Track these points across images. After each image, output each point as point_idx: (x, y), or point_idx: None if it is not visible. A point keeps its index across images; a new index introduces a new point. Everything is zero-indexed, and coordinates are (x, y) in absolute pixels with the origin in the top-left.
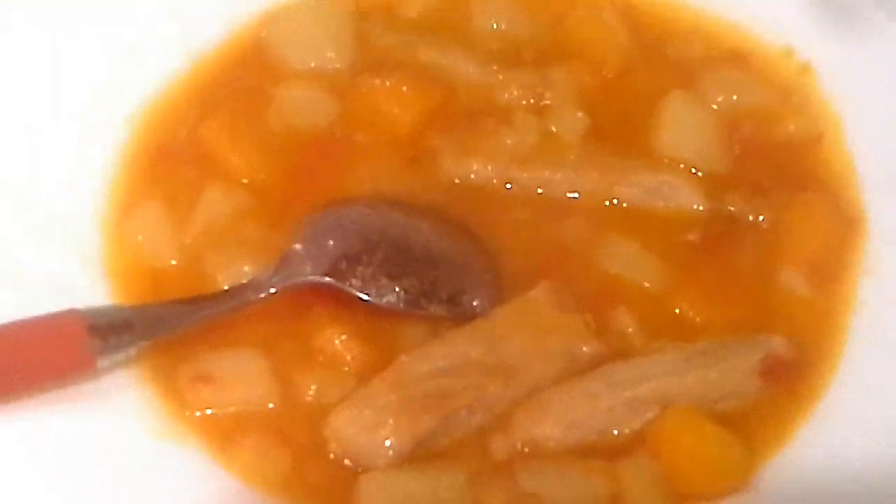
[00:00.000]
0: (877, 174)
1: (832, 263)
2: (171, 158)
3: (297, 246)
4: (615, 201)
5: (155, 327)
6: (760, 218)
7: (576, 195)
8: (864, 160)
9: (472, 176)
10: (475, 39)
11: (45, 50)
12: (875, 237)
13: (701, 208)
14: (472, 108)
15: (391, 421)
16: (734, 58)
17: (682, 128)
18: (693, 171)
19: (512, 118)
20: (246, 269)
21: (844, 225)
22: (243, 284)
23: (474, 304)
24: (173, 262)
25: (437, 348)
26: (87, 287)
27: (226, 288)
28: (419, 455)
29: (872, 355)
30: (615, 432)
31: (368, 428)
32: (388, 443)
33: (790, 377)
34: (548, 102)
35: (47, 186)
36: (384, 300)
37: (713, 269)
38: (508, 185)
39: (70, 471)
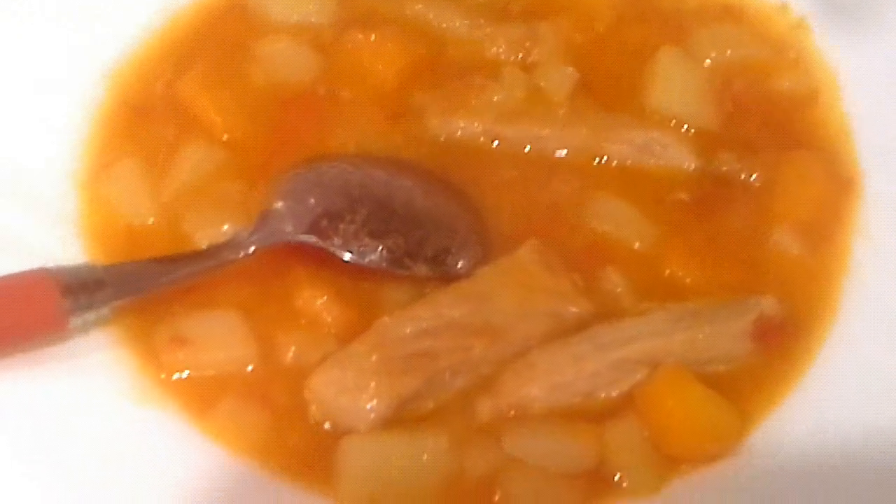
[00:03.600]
0: (872, 132)
1: (825, 223)
2: (148, 115)
3: (278, 204)
4: (604, 159)
5: (128, 286)
6: (753, 177)
7: (564, 153)
8: (860, 118)
9: (459, 133)
10: None
11: (18, 5)
12: (869, 197)
13: (692, 167)
14: (459, 63)
15: (373, 383)
16: (727, 12)
17: (674, 84)
18: (684, 128)
19: (499, 74)
20: (225, 227)
21: (838, 184)
22: (222, 243)
23: (459, 263)
24: (150, 221)
25: (421, 309)
26: (62, 247)
27: (204, 247)
28: (402, 418)
29: (865, 316)
30: (602, 395)
31: (349, 390)
32: (369, 405)
33: (782, 339)
34: (536, 58)
35: (22, 144)
36: (367, 259)
37: (704, 229)
38: (495, 143)
39: (41, 434)
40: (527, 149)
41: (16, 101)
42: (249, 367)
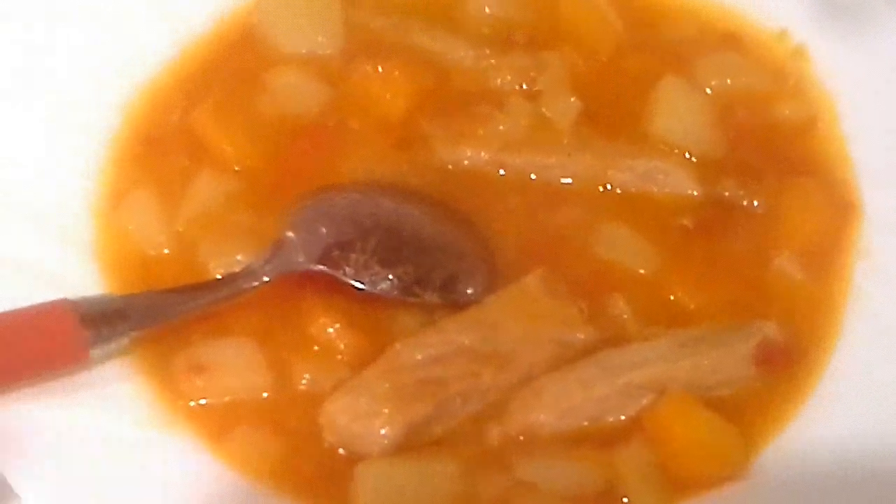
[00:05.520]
0: (872, 158)
1: (827, 248)
2: (161, 146)
3: (290, 234)
4: (609, 186)
5: (147, 317)
6: (755, 203)
7: (569, 181)
8: (859, 144)
9: (466, 162)
10: (467, 23)
11: (34, 38)
12: (870, 221)
13: (695, 193)
14: (465, 93)
15: (385, 409)
16: (728, 41)
17: (676, 112)
18: (687, 155)
19: (505, 103)
20: (238, 257)
21: (839, 209)
22: (236, 273)
23: (468, 291)
24: (165, 251)
25: (431, 336)
26: (79, 276)
27: (218, 276)
28: (414, 443)
29: (868, 340)
30: (610, 419)
31: (363, 416)
32: (382, 431)
33: (785, 363)
34: (541, 87)
35: (38, 176)
36: (378, 288)
37: (707, 255)
38: (502, 171)
39: (63, 462)
40: (532, 177)
41: (32, 132)
42: (264, 394)
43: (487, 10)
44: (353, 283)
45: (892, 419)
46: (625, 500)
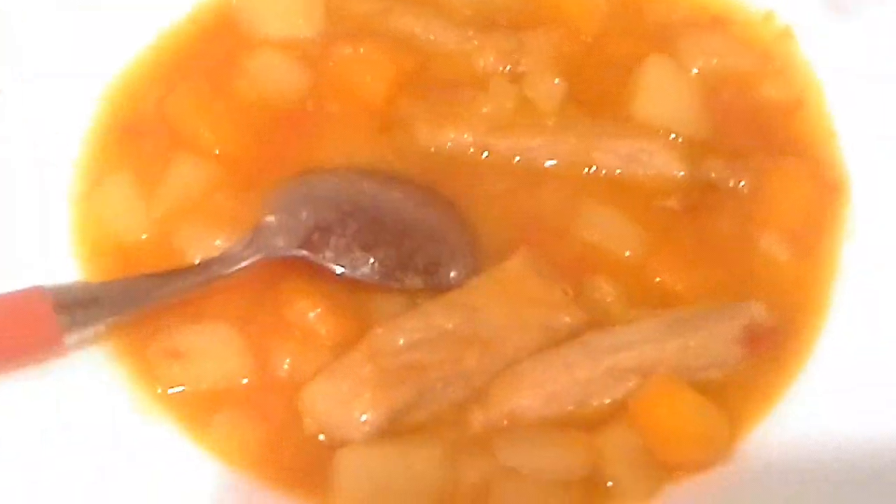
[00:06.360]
0: (857, 138)
1: (813, 229)
2: (140, 132)
3: (270, 218)
4: (593, 168)
5: (123, 303)
6: (741, 183)
7: (553, 163)
8: (845, 124)
9: (449, 145)
10: (449, 5)
11: (11, 25)
12: (856, 202)
13: (681, 174)
14: (448, 75)
15: (366, 394)
16: (714, 22)
17: (661, 93)
18: (672, 136)
19: (488, 85)
20: (217, 242)
21: (825, 190)
22: (214, 258)
23: (451, 274)
24: (143, 237)
25: (413, 320)
26: (57, 263)
27: (197, 262)
28: (396, 429)
29: (854, 321)
30: (595, 403)
31: (343, 402)
32: (363, 417)
33: (771, 344)
34: (525, 69)
35: (16, 162)
36: (359, 272)
37: (693, 236)
38: (485, 154)
39: (39, 449)
40: (516, 159)
41: (9, 117)
42: (244, 380)
43: None
44: (333, 267)
45: (876, 401)
46: (609, 483)
